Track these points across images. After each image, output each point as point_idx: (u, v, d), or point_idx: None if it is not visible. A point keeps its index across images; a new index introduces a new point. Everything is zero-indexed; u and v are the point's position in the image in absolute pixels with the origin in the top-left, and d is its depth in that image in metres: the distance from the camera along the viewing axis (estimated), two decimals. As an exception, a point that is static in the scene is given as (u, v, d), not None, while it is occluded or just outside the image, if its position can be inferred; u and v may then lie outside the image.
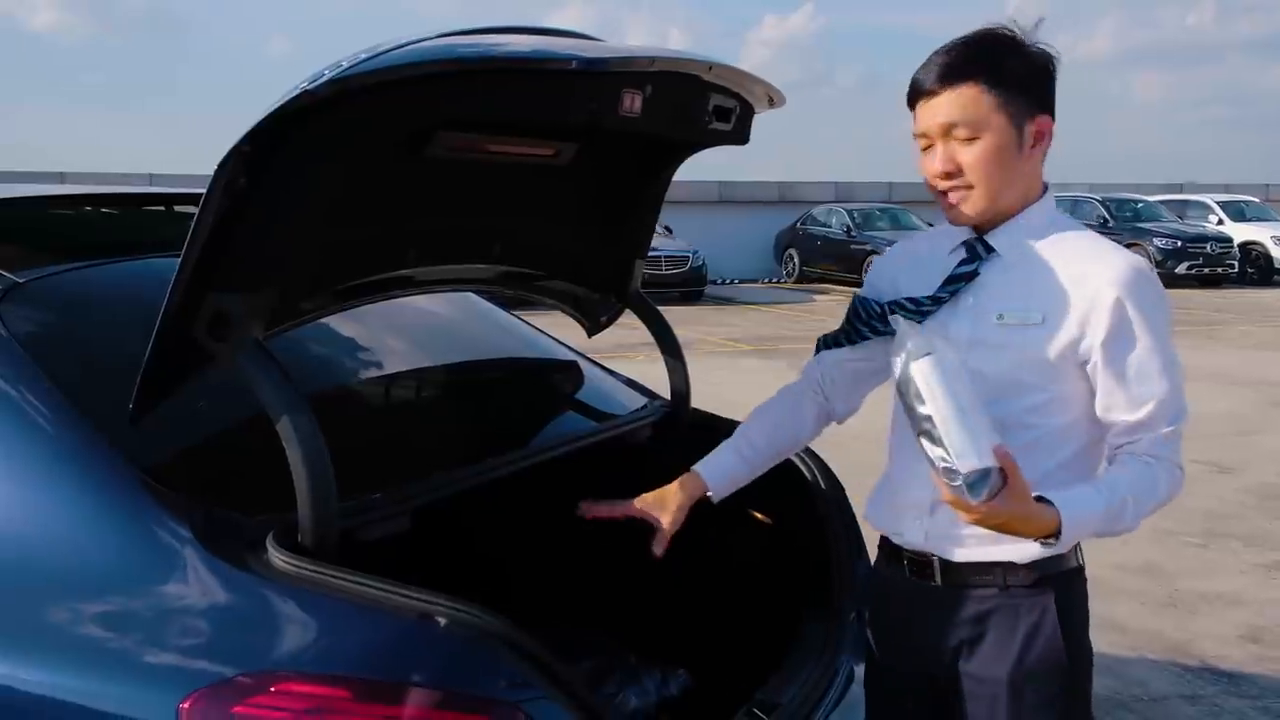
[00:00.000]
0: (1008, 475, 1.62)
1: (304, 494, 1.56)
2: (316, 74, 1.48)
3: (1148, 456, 1.78)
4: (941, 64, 1.78)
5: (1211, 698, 3.94)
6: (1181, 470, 1.82)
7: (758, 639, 2.41)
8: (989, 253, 1.84)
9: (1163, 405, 1.78)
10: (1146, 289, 1.76)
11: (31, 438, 1.65)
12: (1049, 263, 1.80)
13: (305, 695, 1.42)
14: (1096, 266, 1.77)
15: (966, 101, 1.76)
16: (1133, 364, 1.76)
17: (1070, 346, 1.77)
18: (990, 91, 1.75)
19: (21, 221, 2.30)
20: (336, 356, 2.45)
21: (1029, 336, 1.78)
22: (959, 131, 1.77)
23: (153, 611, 1.51)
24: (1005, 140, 1.77)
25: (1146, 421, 1.78)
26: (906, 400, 1.67)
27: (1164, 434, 1.79)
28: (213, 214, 1.51)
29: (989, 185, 1.79)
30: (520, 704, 1.48)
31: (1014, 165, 1.79)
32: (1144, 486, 1.77)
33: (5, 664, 1.49)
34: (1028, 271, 1.81)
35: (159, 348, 1.58)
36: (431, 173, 1.92)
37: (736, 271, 23.14)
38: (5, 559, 1.58)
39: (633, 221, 2.50)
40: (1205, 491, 6.58)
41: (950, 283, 1.85)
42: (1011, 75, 1.76)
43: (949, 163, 1.79)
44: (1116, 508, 1.73)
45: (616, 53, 1.74)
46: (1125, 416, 1.79)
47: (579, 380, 2.77)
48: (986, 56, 1.77)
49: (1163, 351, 1.77)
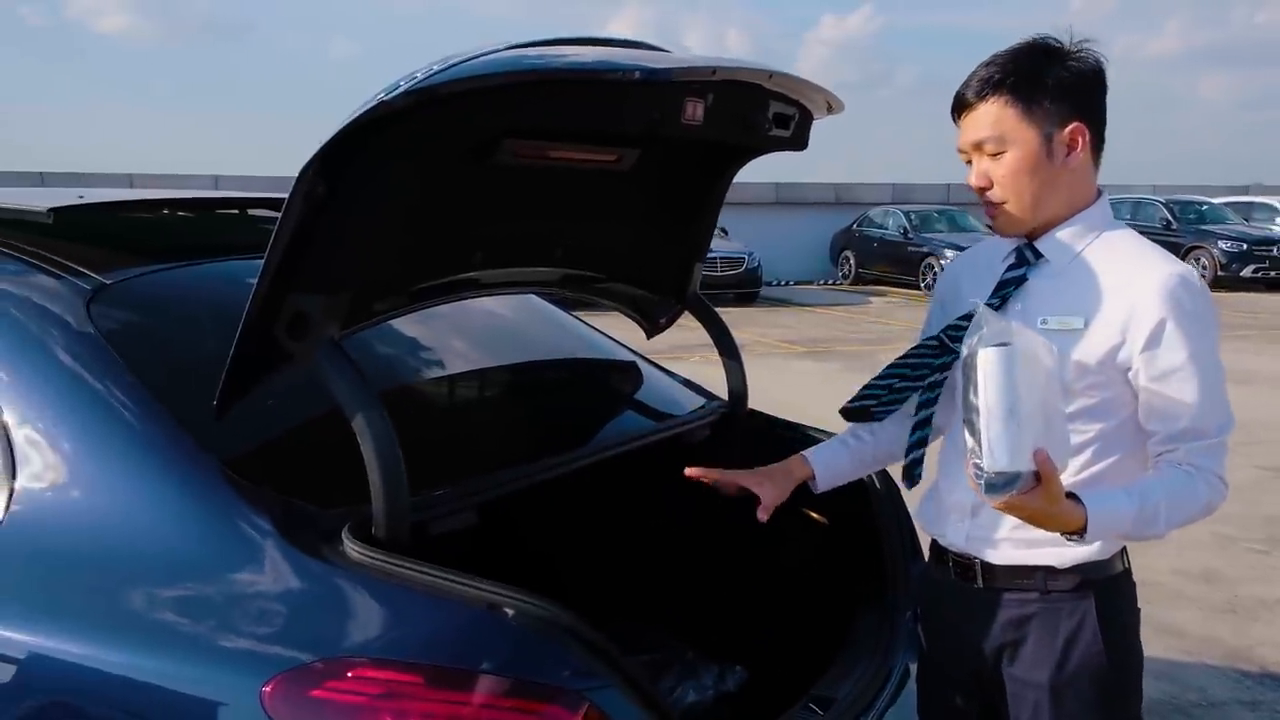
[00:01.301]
0: (1042, 479, 1.59)
1: (377, 488, 1.62)
2: (393, 85, 1.54)
3: (1188, 466, 1.78)
4: (975, 79, 1.83)
5: (1272, 704, 3.90)
6: (1224, 482, 1.80)
7: (813, 636, 2.44)
8: (1038, 258, 1.87)
9: (1203, 416, 1.77)
10: (1190, 298, 1.76)
11: (121, 433, 1.74)
12: (1095, 268, 1.82)
13: (379, 680, 1.48)
14: (1141, 273, 1.78)
15: (992, 117, 1.80)
16: (1172, 373, 1.76)
17: (1111, 353, 1.78)
18: (1015, 104, 1.79)
19: (105, 225, 2.40)
20: (404, 357, 2.52)
21: (1070, 341, 1.79)
22: (987, 146, 1.82)
23: (235, 600, 1.59)
24: (1032, 151, 1.80)
25: (1186, 431, 1.78)
26: (965, 384, 1.64)
27: (1205, 445, 1.78)
28: (293, 220, 1.58)
29: (1021, 197, 1.82)
30: (585, 693, 1.52)
31: (1048, 175, 1.82)
32: (1180, 495, 1.76)
33: (98, 648, 1.57)
34: (1074, 277, 1.83)
35: (242, 347, 1.65)
36: (498, 178, 1.99)
37: (792, 273, 23.07)
38: (98, 549, 1.66)
39: (692, 225, 2.55)
40: (1268, 498, 6.49)
41: (1000, 288, 1.88)
42: (1041, 86, 1.79)
43: (982, 178, 1.84)
44: (1149, 513, 1.73)
45: (679, 63, 1.79)
46: (1164, 426, 1.79)
47: (638, 380, 2.82)
48: (1017, 69, 1.80)
49: (1204, 362, 1.76)
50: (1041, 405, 1.60)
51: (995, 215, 1.87)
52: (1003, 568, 1.87)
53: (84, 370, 1.80)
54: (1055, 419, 1.64)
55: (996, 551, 1.87)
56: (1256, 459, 7.40)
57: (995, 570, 1.88)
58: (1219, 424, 1.79)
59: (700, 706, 2.39)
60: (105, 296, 1.95)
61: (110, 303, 1.94)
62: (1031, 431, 1.58)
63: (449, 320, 2.55)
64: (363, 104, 1.55)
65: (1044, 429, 1.60)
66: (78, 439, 1.74)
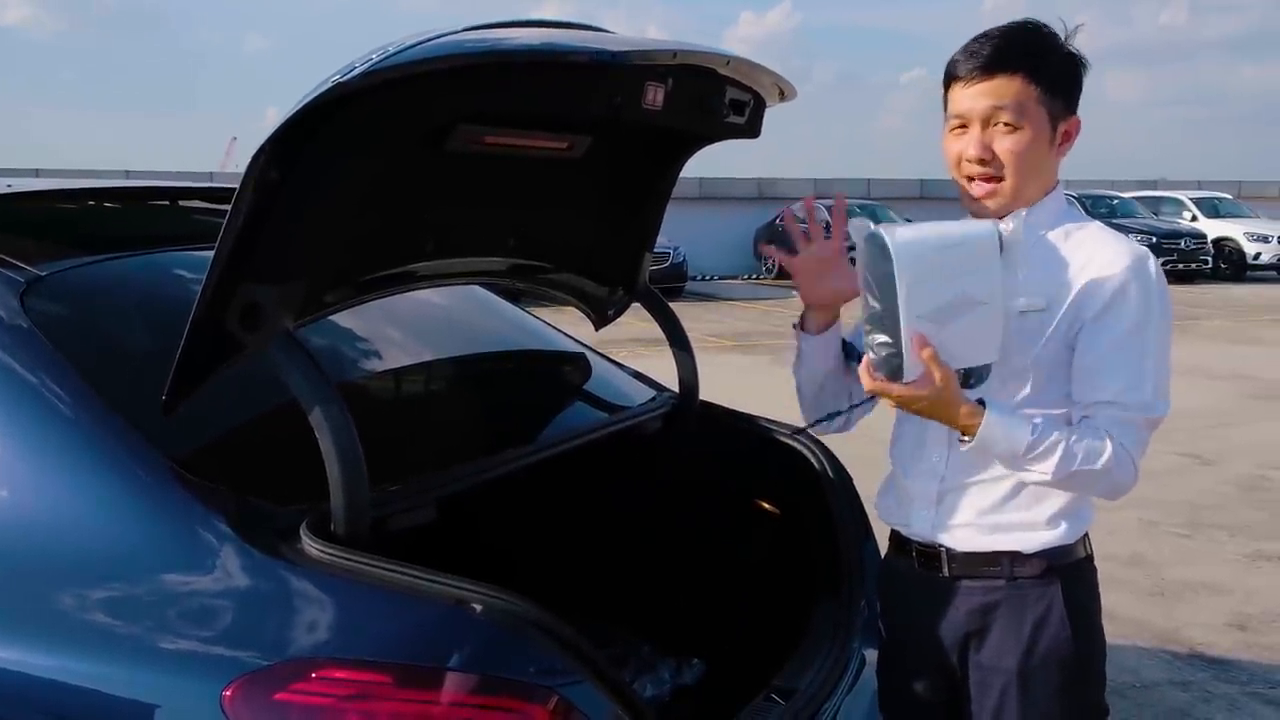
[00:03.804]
0: (930, 369, 1.67)
1: (336, 483, 1.57)
2: (347, 67, 1.49)
3: (1105, 430, 1.76)
4: (994, 49, 1.79)
5: (1202, 684, 3.99)
6: (1134, 461, 1.77)
7: (771, 627, 2.43)
8: None
9: (1128, 390, 1.76)
10: (1143, 276, 1.78)
11: (60, 430, 1.66)
12: (1058, 251, 1.83)
13: (346, 681, 1.43)
14: (1101, 253, 1.80)
15: (1015, 90, 1.77)
16: (1108, 344, 1.76)
17: (1071, 329, 1.79)
18: (1036, 85, 1.78)
19: (35, 216, 2.30)
20: (355, 351, 2.45)
21: (1033, 322, 1.80)
22: (1003, 117, 1.78)
23: (190, 602, 1.52)
24: (1041, 135, 1.80)
25: (1108, 401, 1.77)
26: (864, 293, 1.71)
27: (1124, 417, 1.76)
28: (245, 207, 1.52)
29: (1019, 177, 1.81)
30: (555, 688, 1.49)
31: (1043, 160, 1.83)
32: (1083, 450, 1.74)
33: (49, 656, 1.51)
34: (1037, 260, 1.83)
35: (192, 339, 1.58)
36: (451, 166, 1.94)
37: (716, 268, 23.18)
38: (41, 552, 1.59)
39: (642, 215, 2.52)
40: (1187, 484, 6.67)
41: None
42: (1054, 73, 1.79)
43: (985, 149, 1.80)
44: (1045, 447, 1.72)
45: (639, 46, 1.76)
46: (1087, 393, 1.78)
47: (589, 373, 2.78)
48: (1034, 49, 1.80)
49: (1143, 338, 1.77)
50: (937, 292, 1.66)
51: (981, 195, 1.82)
52: (968, 554, 1.87)
53: (18, 365, 1.72)
54: (966, 310, 1.67)
55: (963, 538, 1.87)
56: (1176, 446, 7.59)
57: (960, 558, 1.88)
58: (1143, 401, 1.77)
59: (658, 701, 2.37)
60: (39, 289, 1.86)
61: (45, 295, 1.86)
62: (916, 309, 1.65)
63: (398, 313, 2.49)
64: (316, 87, 1.50)
65: (938, 313, 1.66)
66: (13, 436, 1.66)
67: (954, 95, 1.83)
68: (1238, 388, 10.05)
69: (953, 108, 1.84)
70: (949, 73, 1.84)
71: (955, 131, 1.84)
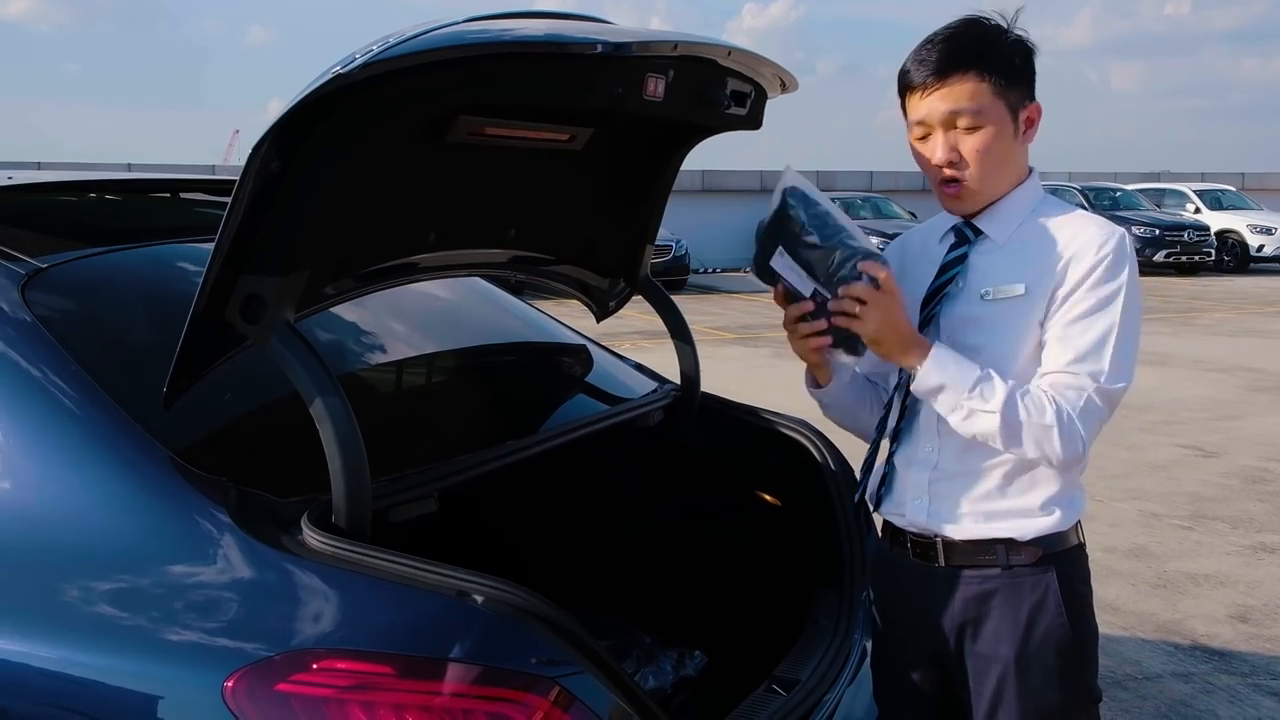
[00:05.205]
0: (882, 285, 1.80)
1: (338, 474, 1.57)
2: (348, 58, 1.49)
3: (1053, 394, 1.76)
4: (941, 53, 1.82)
5: (1204, 675, 3.99)
6: (1080, 430, 1.75)
7: (772, 619, 2.43)
8: (978, 235, 1.89)
9: (1083, 360, 1.76)
10: (1114, 254, 1.78)
11: (62, 423, 1.66)
12: (1034, 238, 1.85)
13: (347, 672, 1.43)
14: (1076, 235, 1.82)
15: (970, 91, 1.80)
16: (1076, 316, 1.78)
17: (1045, 311, 1.81)
18: (990, 81, 1.80)
19: (37, 208, 2.30)
20: (357, 343, 2.45)
21: (1013, 308, 1.82)
22: (962, 121, 1.81)
23: (192, 593, 1.52)
24: (1004, 129, 1.82)
25: (1063, 370, 1.77)
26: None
27: (1074, 385, 1.76)
28: (246, 198, 1.52)
29: (987, 173, 1.84)
30: (557, 679, 1.49)
31: (1010, 152, 1.85)
32: (1027, 402, 1.75)
33: (51, 648, 1.50)
34: (1014, 249, 1.86)
35: (192, 331, 1.58)
36: (452, 158, 1.94)
37: (719, 261, 23.16)
38: (42, 545, 1.59)
39: (644, 207, 2.52)
40: (1190, 475, 6.67)
41: (943, 272, 1.90)
42: (1006, 64, 1.81)
43: (951, 151, 1.83)
44: (988, 389, 1.75)
45: (640, 36, 1.76)
46: (1050, 364, 1.79)
47: (591, 364, 2.78)
48: (982, 46, 1.82)
49: (1110, 312, 1.77)
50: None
51: (958, 192, 1.86)
52: (964, 544, 1.87)
53: (20, 358, 1.72)
54: None
55: (957, 527, 1.88)
56: (1178, 438, 7.60)
57: (956, 547, 1.88)
58: (1097, 371, 1.76)
59: (660, 692, 2.37)
60: (40, 281, 1.86)
61: (46, 288, 1.86)
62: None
63: (400, 305, 2.49)
64: (317, 78, 1.50)
65: None
66: (16, 429, 1.66)
67: (911, 104, 1.86)
68: (1240, 380, 10.04)
69: (912, 115, 1.86)
70: (902, 82, 1.87)
71: (922, 139, 1.87)
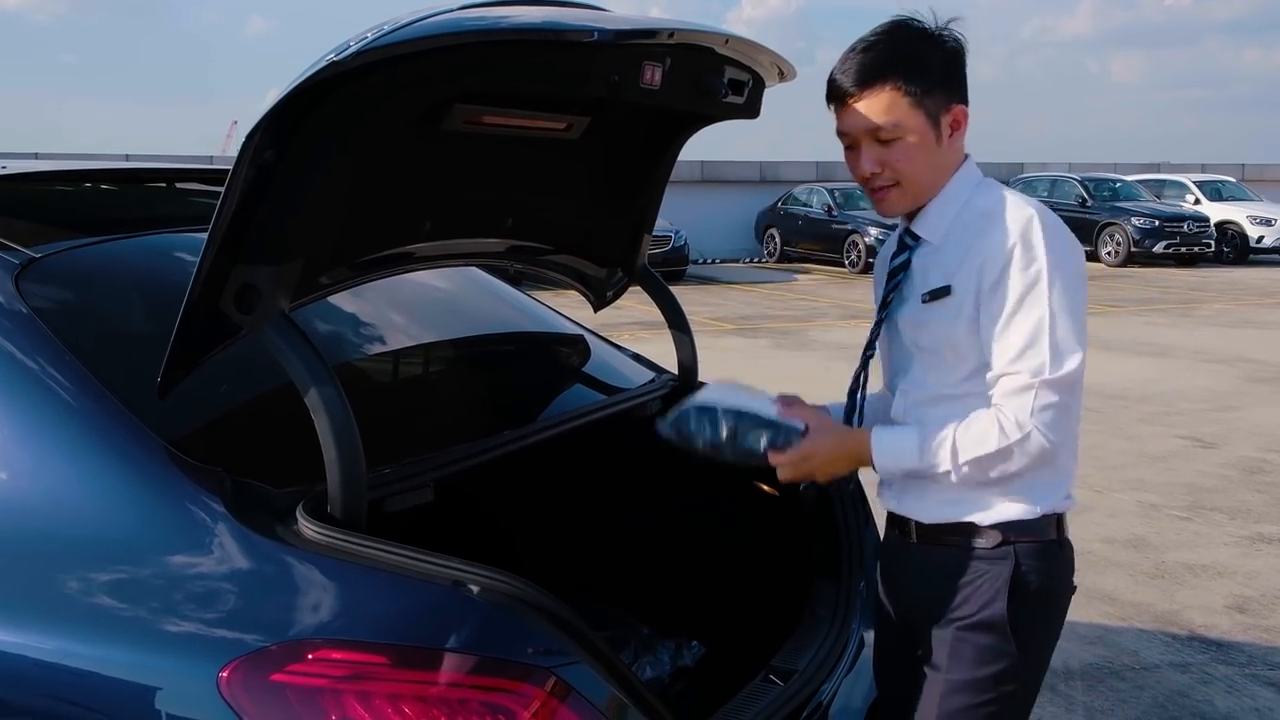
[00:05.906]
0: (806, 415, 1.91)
1: (333, 464, 1.56)
2: (342, 45, 1.48)
3: (996, 407, 1.77)
4: (858, 66, 1.83)
5: (1201, 665, 4.00)
6: (1019, 426, 1.74)
7: (770, 609, 2.43)
8: (916, 241, 1.91)
9: (1020, 357, 1.75)
10: (1029, 236, 1.76)
11: (57, 412, 1.65)
12: (962, 232, 1.86)
13: (342, 662, 1.43)
14: (994, 223, 1.81)
15: (886, 105, 1.81)
16: (1006, 311, 1.76)
17: (975, 304, 1.80)
18: (907, 92, 1.81)
19: (31, 198, 2.29)
20: (353, 332, 2.45)
21: (948, 307, 1.83)
22: (882, 133, 1.83)
23: (187, 584, 1.52)
24: (925, 137, 1.83)
25: (1005, 372, 1.77)
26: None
27: (1013, 384, 1.75)
28: (240, 186, 1.51)
29: (912, 181, 1.86)
30: (553, 669, 1.49)
31: (935, 156, 1.86)
32: (972, 435, 1.77)
33: (47, 639, 1.50)
34: (946, 249, 1.87)
35: (187, 320, 1.58)
36: (448, 146, 1.93)
37: (718, 251, 23.15)
38: (37, 535, 1.58)
39: (641, 196, 2.51)
40: (1188, 466, 6.67)
41: (891, 278, 1.94)
42: (927, 71, 1.81)
43: (875, 163, 1.85)
44: (933, 446, 1.79)
45: (636, 24, 1.75)
46: (994, 367, 1.78)
47: (588, 354, 2.78)
48: (901, 54, 1.82)
49: (1038, 297, 1.75)
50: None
51: (884, 199, 1.89)
52: (931, 526, 1.92)
53: (14, 348, 1.71)
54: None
55: (923, 509, 1.92)
56: (1177, 429, 7.60)
57: (925, 529, 1.93)
58: (1038, 365, 1.74)
59: (657, 682, 2.37)
60: (34, 271, 1.85)
61: (40, 277, 1.85)
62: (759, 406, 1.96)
63: (396, 294, 2.48)
64: (311, 65, 1.49)
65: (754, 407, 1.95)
66: (10, 419, 1.65)
67: (838, 114, 1.88)
68: (1239, 371, 10.03)
69: (837, 126, 1.88)
70: (827, 93, 1.89)
71: (849, 149, 1.89)
